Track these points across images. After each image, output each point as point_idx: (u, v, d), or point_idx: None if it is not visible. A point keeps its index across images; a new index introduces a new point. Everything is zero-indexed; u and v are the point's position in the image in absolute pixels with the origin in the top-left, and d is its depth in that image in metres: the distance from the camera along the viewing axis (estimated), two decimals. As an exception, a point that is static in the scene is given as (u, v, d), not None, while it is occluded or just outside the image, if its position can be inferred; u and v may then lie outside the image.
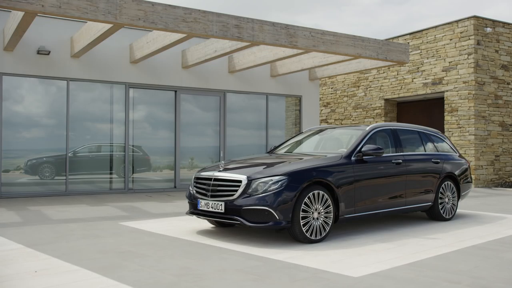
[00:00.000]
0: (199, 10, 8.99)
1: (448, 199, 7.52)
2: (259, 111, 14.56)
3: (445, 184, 7.50)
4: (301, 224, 5.45)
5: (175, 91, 12.94)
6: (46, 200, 10.20)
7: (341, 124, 18.22)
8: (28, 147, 11.30)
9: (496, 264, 4.64)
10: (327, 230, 5.71)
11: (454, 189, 7.67)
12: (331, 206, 5.77)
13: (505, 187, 14.22)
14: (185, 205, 8.64)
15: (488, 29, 14.32)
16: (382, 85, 16.82)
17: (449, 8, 51.10)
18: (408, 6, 53.11)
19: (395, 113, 17.08)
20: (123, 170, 12.07)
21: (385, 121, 16.69)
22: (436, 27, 15.14)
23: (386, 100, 16.76)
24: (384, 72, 16.73)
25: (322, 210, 5.67)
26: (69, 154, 11.38)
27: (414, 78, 15.73)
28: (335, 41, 10.67)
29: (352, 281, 4.00)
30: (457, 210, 8.78)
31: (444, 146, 8.09)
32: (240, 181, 5.61)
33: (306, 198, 5.54)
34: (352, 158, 6.21)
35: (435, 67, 15.10)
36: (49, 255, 4.92)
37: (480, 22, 14.28)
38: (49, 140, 11.49)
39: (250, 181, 5.56)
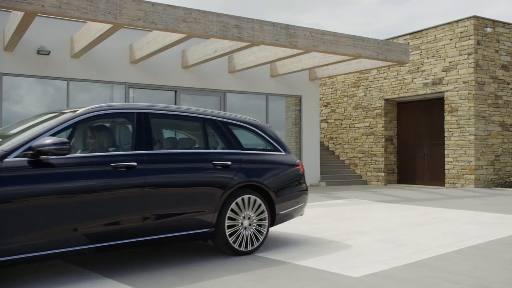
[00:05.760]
0: (199, 10, 8.99)
1: (250, 222, 5.02)
2: (259, 111, 14.56)
3: (241, 200, 4.96)
4: None
5: (175, 91, 12.94)
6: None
7: (341, 123, 18.25)
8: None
9: (496, 264, 4.64)
10: None
11: (264, 207, 5.13)
12: None
13: (505, 187, 14.22)
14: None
15: (488, 29, 14.32)
16: (382, 85, 16.82)
17: (450, 8, 51.07)
18: (408, 5, 53.10)
19: (395, 113, 17.09)
20: None
21: (384, 122, 16.69)
22: (436, 27, 15.14)
23: (386, 100, 16.77)
24: (384, 72, 16.73)
25: None
26: None
27: (414, 78, 15.73)
28: (335, 41, 10.67)
29: (352, 281, 4.00)
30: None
31: (257, 142, 5.80)
32: None
33: None
34: (10, 159, 3.72)
35: (435, 67, 15.10)
36: (49, 255, 4.90)
37: (480, 22, 14.28)
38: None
39: None
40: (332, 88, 18.80)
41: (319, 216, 7.96)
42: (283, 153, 5.68)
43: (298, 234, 6.19)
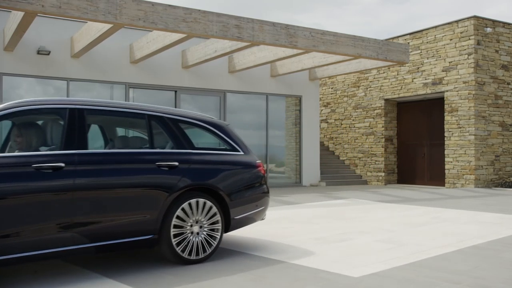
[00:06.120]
0: (199, 10, 8.99)
1: (200, 228, 4.62)
2: (259, 111, 14.56)
3: (191, 204, 4.57)
4: None
5: (175, 91, 12.94)
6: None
7: (341, 123, 18.25)
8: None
9: (496, 264, 4.64)
10: None
11: (216, 211, 4.73)
12: None
13: (505, 187, 14.22)
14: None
15: (488, 29, 14.32)
16: (382, 85, 16.82)
17: (450, 8, 51.06)
18: (408, 5, 53.11)
19: (395, 113, 17.09)
20: None
21: (384, 122, 16.68)
22: (436, 27, 15.14)
23: (386, 100, 16.76)
24: (384, 72, 16.73)
25: None
26: None
27: (414, 78, 15.73)
28: (335, 41, 10.67)
29: (352, 281, 4.00)
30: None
31: (212, 140, 5.38)
32: None
33: None
34: None
35: (435, 67, 15.10)
36: (49, 255, 4.90)
37: (480, 22, 14.28)
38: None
39: None
40: (332, 88, 18.80)
41: (319, 216, 7.96)
42: (241, 153, 5.22)
43: (297, 234, 6.19)
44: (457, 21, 14.56)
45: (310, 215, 8.14)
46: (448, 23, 14.79)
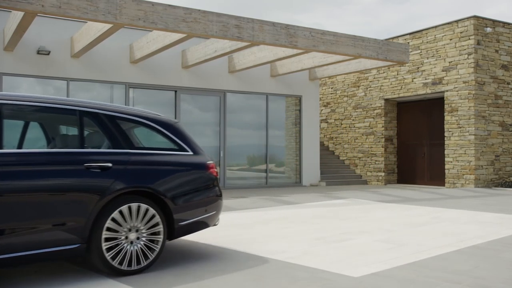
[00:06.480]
0: (199, 10, 9.00)
1: (138, 236, 4.19)
2: (259, 111, 14.56)
3: (128, 209, 4.13)
4: None
5: (175, 91, 12.95)
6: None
7: (341, 123, 18.25)
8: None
9: (496, 264, 4.64)
10: None
11: (158, 217, 4.30)
12: None
13: (505, 187, 14.22)
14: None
15: (488, 29, 14.32)
16: (382, 85, 16.82)
17: (450, 8, 51.08)
18: (408, 5, 53.14)
19: (395, 113, 17.09)
20: None
21: (384, 121, 16.67)
22: (436, 27, 15.14)
23: (386, 100, 16.76)
24: (384, 72, 16.72)
25: None
26: None
27: (414, 78, 15.73)
28: (335, 41, 10.68)
29: (352, 281, 4.00)
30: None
31: (155, 139, 4.89)
32: None
33: None
34: None
35: (435, 67, 15.10)
36: (49, 255, 4.90)
37: (480, 22, 14.28)
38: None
39: None
40: (332, 88, 18.80)
41: (318, 216, 7.96)
42: (190, 153, 4.77)
43: (297, 234, 6.19)
44: (457, 21, 14.56)
45: (310, 215, 8.14)
46: (448, 23, 14.79)
